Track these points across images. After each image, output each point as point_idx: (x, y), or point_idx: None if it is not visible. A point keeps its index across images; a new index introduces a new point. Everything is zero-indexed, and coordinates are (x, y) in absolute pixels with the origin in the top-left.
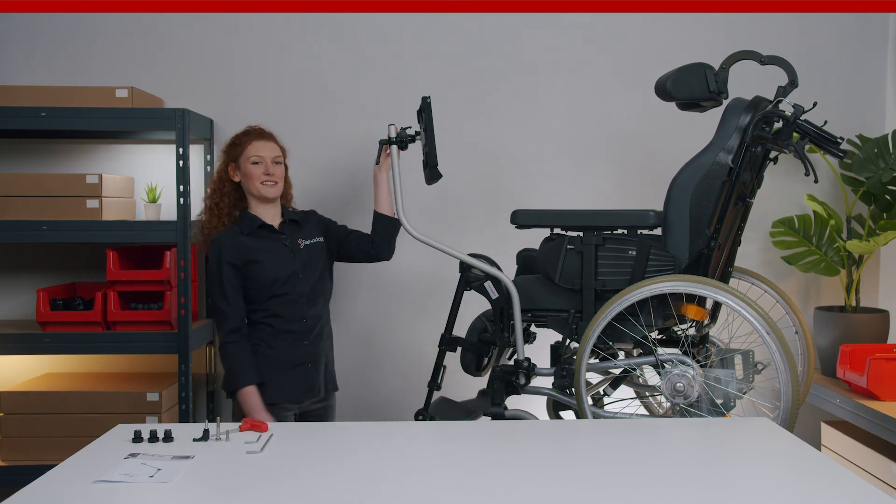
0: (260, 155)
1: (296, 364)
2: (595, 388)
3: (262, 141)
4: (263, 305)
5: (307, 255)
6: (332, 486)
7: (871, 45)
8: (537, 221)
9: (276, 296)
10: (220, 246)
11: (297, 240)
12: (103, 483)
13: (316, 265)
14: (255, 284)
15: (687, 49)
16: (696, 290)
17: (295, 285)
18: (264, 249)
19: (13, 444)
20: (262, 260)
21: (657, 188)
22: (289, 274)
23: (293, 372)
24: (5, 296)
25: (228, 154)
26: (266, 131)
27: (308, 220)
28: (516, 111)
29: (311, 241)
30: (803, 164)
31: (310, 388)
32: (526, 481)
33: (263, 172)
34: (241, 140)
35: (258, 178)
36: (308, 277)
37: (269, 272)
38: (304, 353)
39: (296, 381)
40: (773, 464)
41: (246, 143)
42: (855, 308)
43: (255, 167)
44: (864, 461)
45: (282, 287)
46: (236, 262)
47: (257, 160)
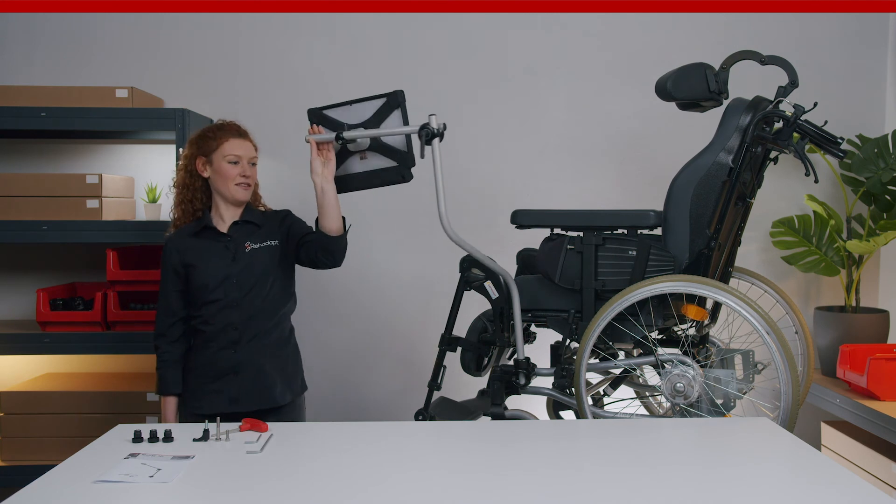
0: (238, 154)
1: (220, 374)
2: (595, 388)
3: (240, 139)
4: (198, 311)
5: (250, 259)
6: (331, 486)
7: (871, 45)
8: (537, 221)
9: (208, 302)
10: (166, 248)
11: (245, 243)
12: (103, 483)
13: (257, 269)
14: (192, 288)
15: (687, 49)
16: (696, 290)
17: (228, 291)
18: (204, 252)
19: (13, 444)
20: (198, 264)
21: (657, 188)
22: (221, 279)
23: (219, 381)
24: (5, 296)
25: (199, 147)
26: (242, 128)
27: (271, 221)
28: (516, 111)
29: (261, 244)
30: (803, 164)
31: (232, 399)
32: (526, 481)
33: (240, 174)
34: (215, 135)
35: (233, 180)
36: (243, 283)
37: (202, 276)
38: (231, 363)
39: (219, 391)
40: (773, 464)
41: (222, 139)
42: (855, 308)
43: (231, 167)
44: (864, 461)
45: (212, 293)
46: (176, 266)
47: (235, 160)
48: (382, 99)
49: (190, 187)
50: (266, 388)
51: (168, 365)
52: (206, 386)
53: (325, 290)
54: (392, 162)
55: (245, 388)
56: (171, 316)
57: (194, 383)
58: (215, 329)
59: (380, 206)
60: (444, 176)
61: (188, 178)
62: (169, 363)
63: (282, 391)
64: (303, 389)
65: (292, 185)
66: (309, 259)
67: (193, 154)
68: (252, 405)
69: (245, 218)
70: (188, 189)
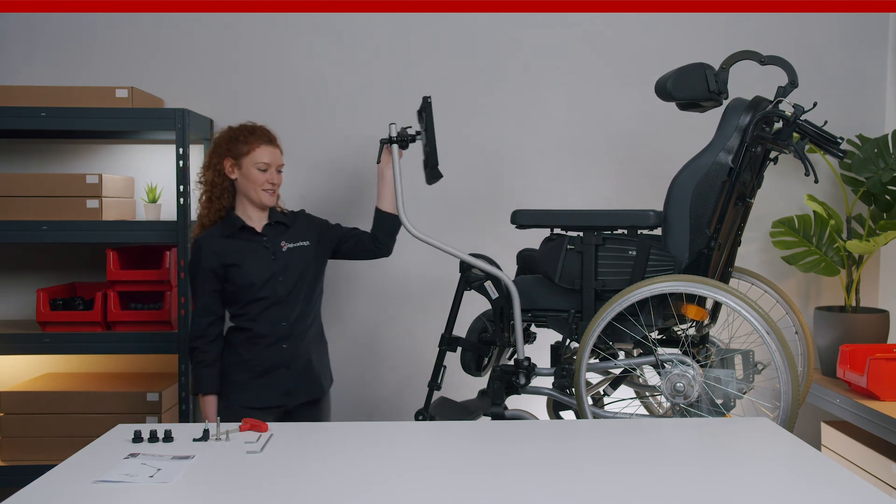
0: (267, 162)
1: (270, 368)
2: (595, 388)
3: (270, 147)
4: (242, 309)
5: (289, 258)
6: (331, 486)
7: (871, 45)
8: (537, 221)
9: (254, 300)
10: (200, 249)
11: (280, 242)
12: (103, 483)
13: (297, 268)
14: (234, 287)
15: (687, 49)
16: (696, 290)
17: (275, 289)
18: (244, 252)
19: (13, 444)
20: (241, 263)
21: (657, 188)
22: (267, 277)
23: (268, 376)
24: (5, 296)
25: (230, 150)
26: (272, 135)
27: (296, 221)
28: (516, 111)
29: (295, 244)
30: (803, 165)
31: (286, 392)
32: (526, 481)
33: (268, 180)
34: (247, 140)
35: (260, 185)
36: (288, 281)
37: (247, 276)
38: (281, 358)
39: (270, 385)
40: (773, 464)
41: (253, 145)
42: (855, 308)
43: (260, 174)
44: (864, 461)
45: (260, 291)
46: (214, 266)
47: (264, 167)
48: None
49: (217, 186)
50: (315, 380)
51: (207, 364)
52: (257, 380)
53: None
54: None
55: (297, 381)
56: (209, 316)
57: (242, 378)
58: (262, 326)
59: None
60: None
61: (216, 177)
62: (207, 363)
63: (326, 381)
64: (330, 382)
65: (293, 184)
66: (363, 249)
67: (222, 154)
68: (303, 396)
69: (275, 219)
70: (215, 188)
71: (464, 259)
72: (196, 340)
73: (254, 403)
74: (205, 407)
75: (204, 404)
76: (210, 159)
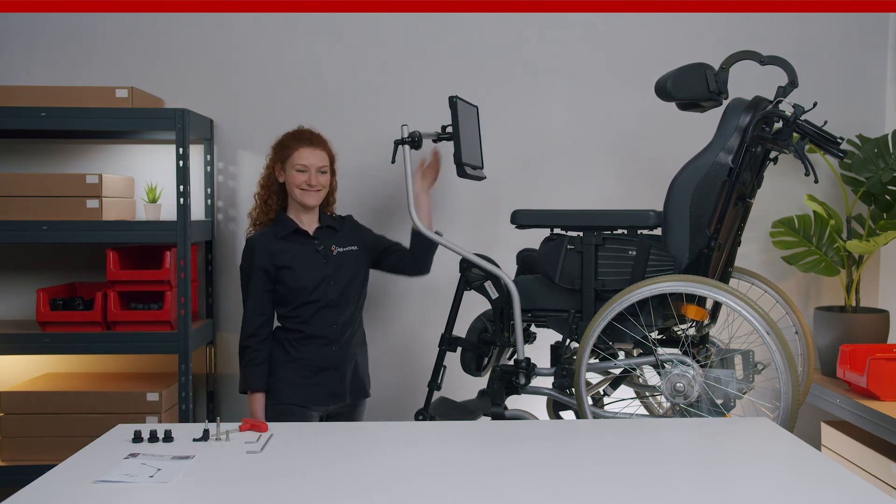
0: (305, 164)
1: (322, 369)
2: (595, 388)
3: (311, 148)
4: (294, 311)
5: (339, 262)
6: (331, 486)
7: (871, 45)
8: (537, 221)
9: (306, 302)
10: (254, 249)
11: (331, 246)
12: (103, 483)
13: (347, 272)
14: (286, 289)
15: (687, 49)
16: (696, 290)
17: (326, 292)
18: (296, 255)
19: (13, 444)
20: (294, 266)
21: (657, 188)
22: (319, 280)
23: (318, 376)
24: (5, 296)
25: (277, 154)
26: (316, 136)
27: (344, 226)
28: (516, 111)
29: (344, 248)
30: (803, 165)
31: (335, 393)
32: (526, 481)
33: (306, 181)
34: (290, 143)
35: (298, 185)
36: (339, 284)
37: (299, 278)
38: (331, 359)
39: (321, 385)
40: (773, 464)
41: (294, 147)
42: (855, 308)
43: (298, 174)
44: (864, 461)
45: (312, 294)
46: (267, 267)
47: (303, 168)
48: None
49: (268, 188)
50: (360, 383)
51: (257, 363)
52: (308, 379)
53: None
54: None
55: (345, 383)
56: (261, 315)
57: (293, 377)
58: (314, 328)
59: (379, 205)
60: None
61: (268, 179)
62: (257, 361)
63: (369, 385)
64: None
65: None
66: (403, 266)
67: (274, 159)
68: (350, 398)
69: (326, 223)
70: (266, 190)
71: (469, 258)
72: (248, 340)
73: (303, 402)
74: (253, 405)
75: (252, 402)
76: (267, 163)
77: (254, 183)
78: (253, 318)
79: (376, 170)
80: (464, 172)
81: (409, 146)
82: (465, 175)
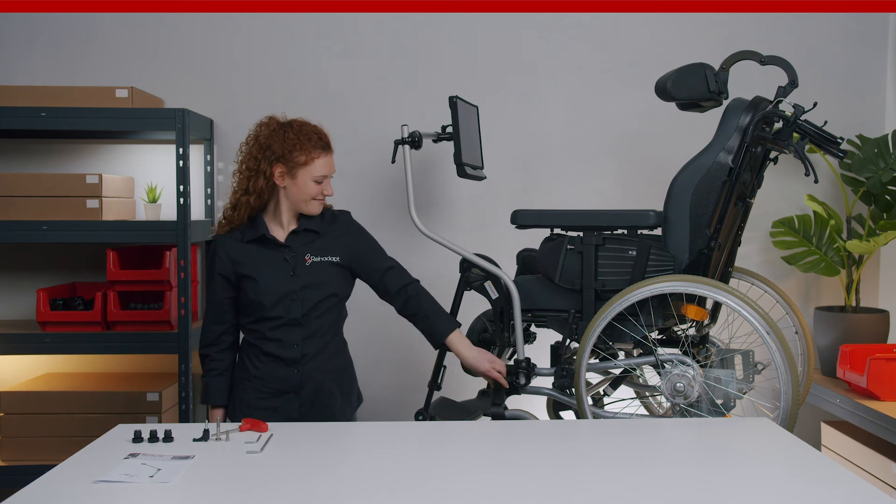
0: (325, 175)
1: (278, 392)
2: (595, 388)
3: (329, 156)
4: (253, 324)
5: (311, 275)
6: (331, 486)
7: (871, 45)
8: (537, 221)
9: (265, 318)
10: (216, 251)
11: (305, 255)
12: (103, 483)
13: (319, 287)
14: (246, 299)
15: (687, 49)
16: (696, 290)
17: (288, 308)
18: (261, 264)
19: (13, 444)
20: (255, 276)
21: (657, 188)
22: (281, 296)
23: (275, 400)
24: (5, 296)
25: (284, 157)
26: (327, 137)
27: (330, 229)
28: (516, 111)
29: (322, 257)
30: (803, 164)
31: (291, 420)
32: (526, 481)
33: (321, 191)
34: (304, 147)
35: (313, 196)
36: (306, 301)
37: (258, 293)
38: (289, 383)
39: (277, 410)
40: (773, 464)
41: (313, 155)
42: (855, 308)
43: (315, 186)
44: (864, 461)
45: (271, 311)
46: (227, 274)
47: (321, 180)
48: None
49: (255, 192)
50: (326, 407)
51: (216, 374)
52: (262, 402)
53: None
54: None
55: (305, 407)
56: (221, 324)
57: (249, 397)
58: (274, 347)
59: (378, 205)
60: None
61: (262, 181)
62: (217, 372)
63: (341, 407)
64: (359, 402)
65: None
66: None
67: (273, 160)
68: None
69: (304, 226)
70: (254, 195)
71: (469, 258)
72: (207, 348)
73: None
74: (211, 418)
75: (212, 416)
76: (256, 161)
77: None
78: (212, 326)
79: (376, 170)
80: (464, 172)
81: (409, 146)
82: (465, 175)
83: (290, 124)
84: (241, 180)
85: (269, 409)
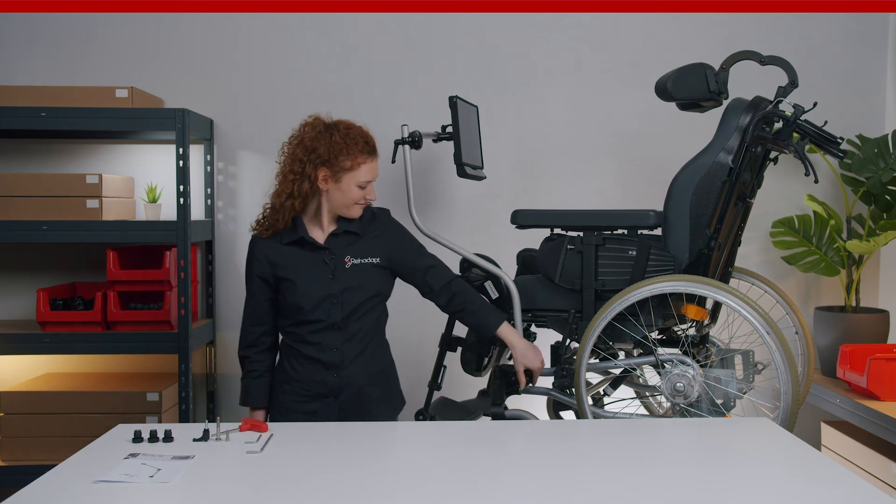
0: (370, 180)
1: (317, 396)
2: (595, 388)
3: (374, 161)
4: (292, 327)
5: (351, 278)
6: (331, 486)
7: (871, 45)
8: (537, 221)
9: (305, 321)
10: (253, 253)
11: (345, 257)
12: (103, 483)
13: (360, 289)
14: (285, 302)
15: (687, 49)
16: (696, 290)
17: (329, 313)
18: (300, 267)
19: (13, 444)
20: (294, 279)
21: (657, 188)
22: (321, 300)
23: (314, 403)
24: (5, 296)
25: (329, 161)
26: (373, 140)
27: (370, 230)
28: (517, 111)
29: (362, 259)
30: (803, 164)
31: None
32: (526, 481)
33: (364, 196)
34: (350, 152)
35: (356, 201)
36: (348, 302)
37: (297, 296)
38: (328, 387)
39: (316, 413)
40: (773, 464)
41: (359, 161)
42: (855, 308)
43: (359, 191)
44: (864, 461)
45: (311, 314)
46: (265, 276)
47: (364, 185)
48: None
49: (299, 195)
50: (366, 410)
51: (256, 376)
52: (302, 405)
53: None
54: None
55: (344, 411)
56: (260, 325)
57: (288, 401)
58: (313, 350)
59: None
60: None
61: (306, 185)
62: (257, 374)
63: (379, 409)
64: (401, 404)
65: None
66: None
67: (317, 163)
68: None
69: (343, 228)
70: (298, 198)
71: (469, 258)
72: (247, 350)
73: None
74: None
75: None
76: (301, 164)
77: (254, 183)
78: (251, 327)
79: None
80: (464, 172)
81: (409, 146)
82: (465, 175)
83: (336, 126)
84: (286, 183)
85: (309, 412)
